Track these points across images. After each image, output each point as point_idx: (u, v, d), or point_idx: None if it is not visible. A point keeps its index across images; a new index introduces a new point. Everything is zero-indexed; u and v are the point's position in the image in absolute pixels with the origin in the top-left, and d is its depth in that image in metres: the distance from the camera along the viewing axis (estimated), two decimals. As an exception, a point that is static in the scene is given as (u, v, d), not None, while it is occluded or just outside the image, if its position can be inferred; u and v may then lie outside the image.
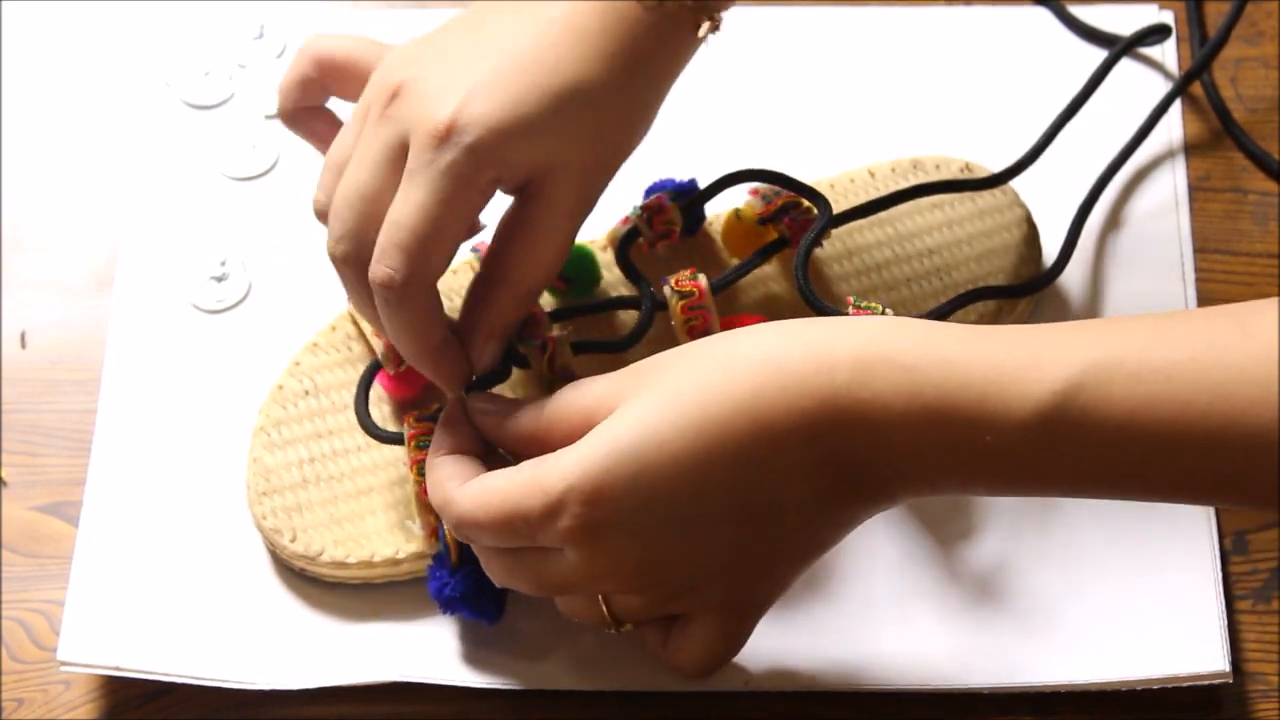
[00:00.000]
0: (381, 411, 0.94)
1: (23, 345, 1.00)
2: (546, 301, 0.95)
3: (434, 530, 0.90)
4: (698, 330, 0.90)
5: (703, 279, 0.90)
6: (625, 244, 0.93)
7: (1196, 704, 0.90)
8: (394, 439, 0.91)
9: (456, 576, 0.89)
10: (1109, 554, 0.92)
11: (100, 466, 0.95)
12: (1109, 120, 1.03)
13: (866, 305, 0.90)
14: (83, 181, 1.04)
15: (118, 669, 0.90)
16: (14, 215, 1.03)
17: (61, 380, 0.99)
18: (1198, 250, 1.00)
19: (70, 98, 1.07)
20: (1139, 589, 0.91)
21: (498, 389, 0.89)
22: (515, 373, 0.91)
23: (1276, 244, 1.01)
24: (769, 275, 0.96)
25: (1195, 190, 1.02)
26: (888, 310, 0.90)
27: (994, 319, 0.96)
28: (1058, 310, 0.98)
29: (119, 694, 0.91)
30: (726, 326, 0.90)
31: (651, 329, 0.93)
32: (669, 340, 0.91)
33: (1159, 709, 0.89)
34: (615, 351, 0.91)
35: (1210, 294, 0.99)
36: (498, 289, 0.86)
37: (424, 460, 0.88)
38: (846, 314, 0.90)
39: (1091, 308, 0.98)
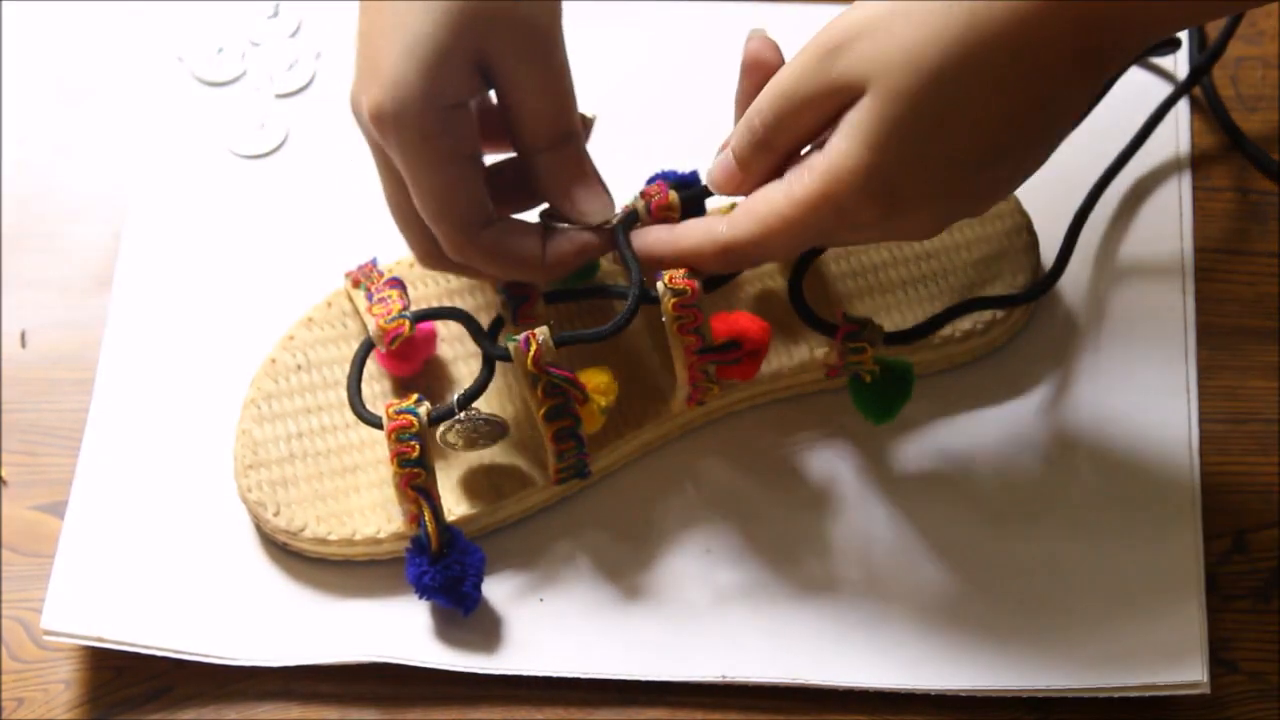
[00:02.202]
0: (376, 389, 0.95)
1: (23, 345, 1.00)
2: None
3: (415, 518, 0.90)
4: (688, 328, 0.90)
5: (696, 277, 0.90)
6: (625, 227, 0.92)
7: (1196, 704, 0.90)
8: (382, 424, 0.91)
9: (437, 565, 0.90)
10: (1095, 561, 0.92)
11: (94, 436, 0.96)
12: (1112, 125, 1.02)
13: (856, 319, 0.91)
14: (84, 182, 1.05)
15: (100, 640, 0.91)
16: (14, 215, 1.04)
17: (61, 380, 0.99)
18: (1198, 250, 1.00)
19: (76, 86, 1.08)
20: (1124, 597, 0.91)
21: (485, 395, 0.91)
22: (504, 369, 0.92)
23: (1276, 244, 1.01)
24: (765, 272, 0.96)
25: (1195, 190, 1.02)
26: (877, 323, 0.91)
27: (989, 327, 0.96)
28: (1054, 314, 0.98)
29: (119, 694, 0.92)
30: (718, 325, 0.91)
31: (641, 318, 0.93)
32: (659, 329, 0.91)
33: (1157, 709, 0.89)
34: (598, 340, 0.90)
35: (1210, 294, 0.99)
36: (523, 149, 0.88)
37: (405, 452, 0.89)
38: (837, 326, 0.91)
39: (1089, 313, 0.98)
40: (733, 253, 0.86)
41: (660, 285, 0.90)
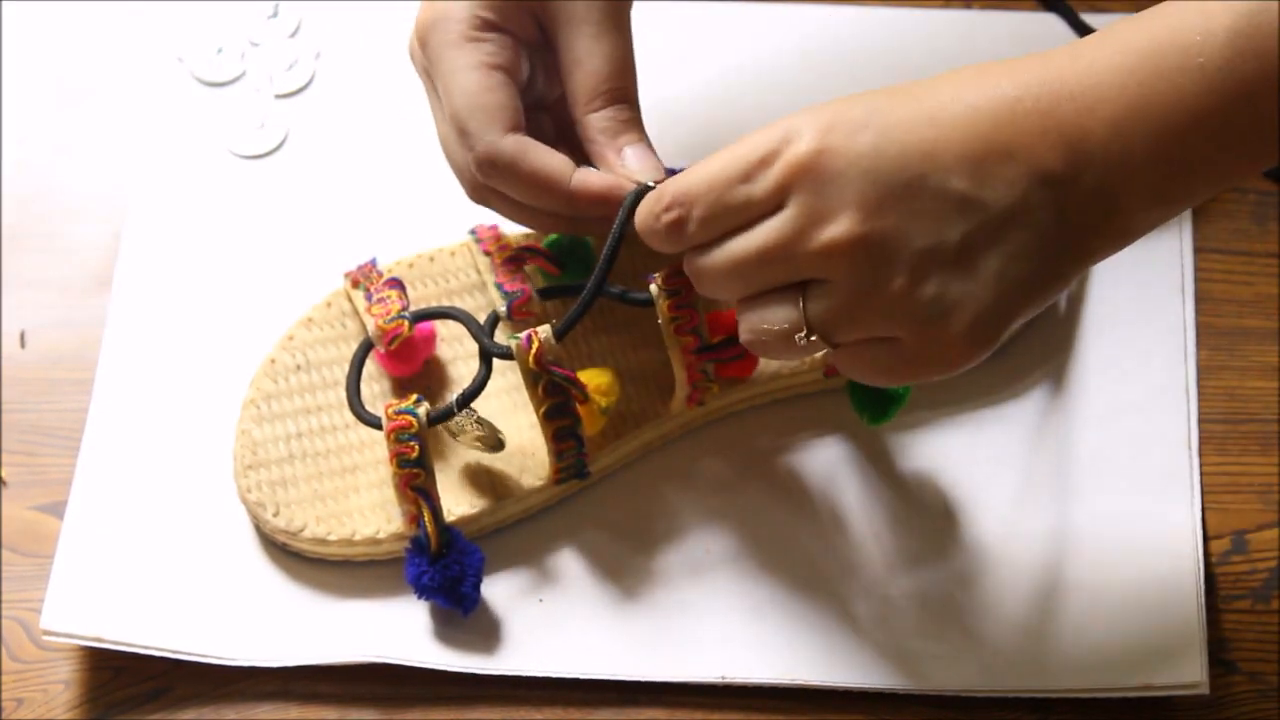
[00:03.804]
0: (375, 389, 0.95)
1: (22, 345, 1.00)
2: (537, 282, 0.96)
3: (414, 518, 0.90)
4: (685, 328, 0.90)
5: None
6: (636, 198, 0.88)
7: (1195, 704, 0.90)
8: (381, 424, 0.91)
9: (436, 566, 0.90)
10: (1095, 562, 0.92)
11: (94, 436, 0.96)
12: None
13: None
14: (84, 182, 1.05)
15: (99, 639, 0.91)
16: (14, 215, 1.04)
17: (61, 380, 0.99)
18: (1198, 250, 1.00)
19: (76, 86, 1.07)
20: (1124, 597, 0.91)
21: (482, 395, 0.91)
22: (503, 369, 0.92)
23: (1276, 244, 1.01)
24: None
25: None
26: None
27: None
28: (1054, 314, 0.98)
29: (118, 694, 0.92)
30: (713, 322, 0.91)
31: (640, 318, 0.93)
32: (657, 330, 0.91)
33: (1157, 709, 0.89)
34: (587, 305, 0.89)
35: (1209, 294, 0.99)
36: (578, 107, 0.88)
37: (404, 452, 0.89)
38: None
39: (1089, 313, 0.98)
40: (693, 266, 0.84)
41: (653, 287, 0.90)
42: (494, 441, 0.92)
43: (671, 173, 0.94)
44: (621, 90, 0.89)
